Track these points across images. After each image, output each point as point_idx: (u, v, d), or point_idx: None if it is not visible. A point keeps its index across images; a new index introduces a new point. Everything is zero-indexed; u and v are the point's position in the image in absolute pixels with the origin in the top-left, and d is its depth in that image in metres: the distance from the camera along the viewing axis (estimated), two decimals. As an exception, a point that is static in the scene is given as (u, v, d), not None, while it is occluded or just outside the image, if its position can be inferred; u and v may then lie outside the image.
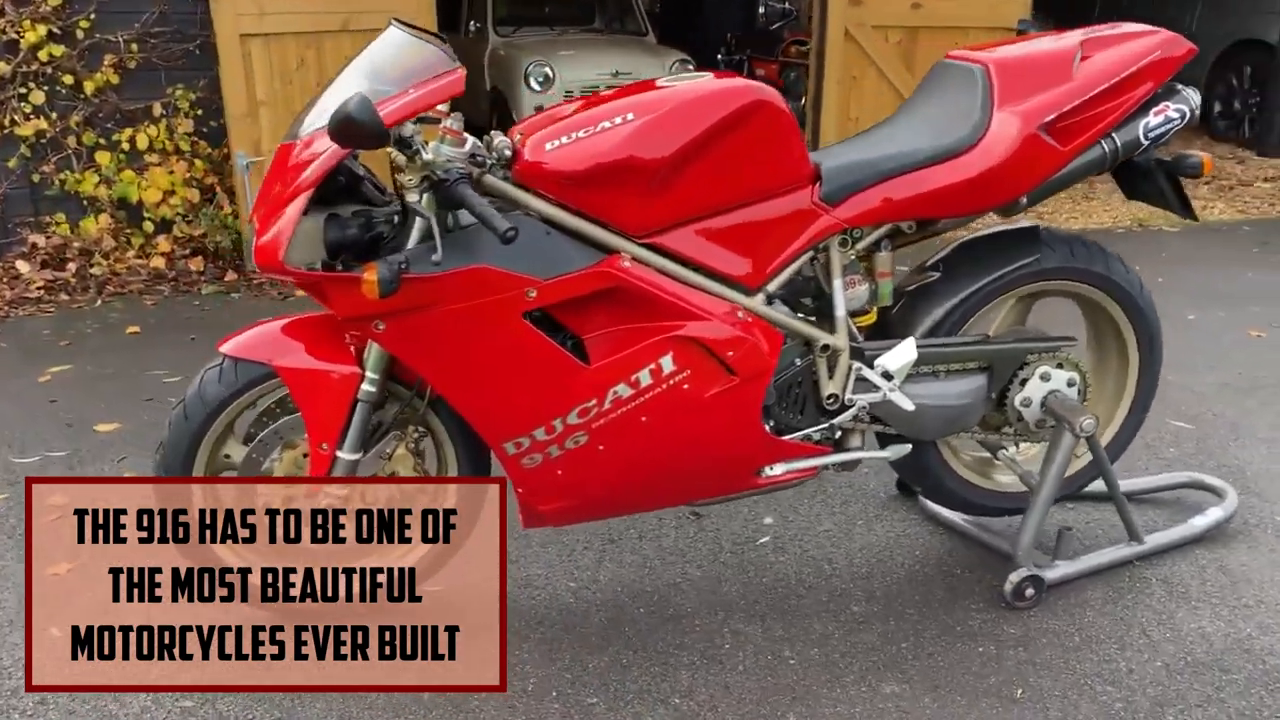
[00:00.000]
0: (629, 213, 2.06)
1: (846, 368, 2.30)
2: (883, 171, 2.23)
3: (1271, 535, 2.74)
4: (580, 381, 2.08)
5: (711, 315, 2.11)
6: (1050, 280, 2.43)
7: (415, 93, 1.91)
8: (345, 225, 1.99)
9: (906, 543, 2.73)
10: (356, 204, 2.07)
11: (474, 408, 2.10)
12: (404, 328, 2.00)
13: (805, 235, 2.20)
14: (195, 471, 2.18)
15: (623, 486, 2.26)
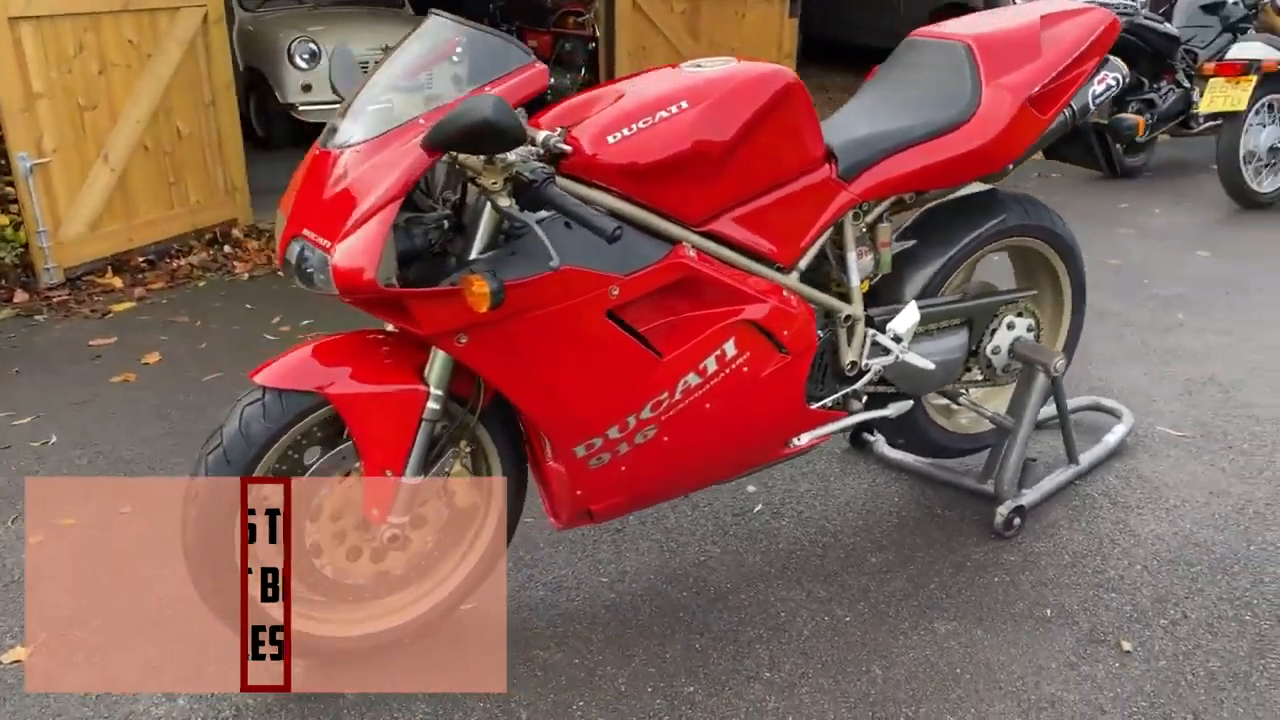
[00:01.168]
0: (689, 201, 2.06)
1: (863, 335, 2.42)
2: (889, 147, 2.35)
3: (1162, 443, 3.17)
4: (655, 375, 2.07)
5: (765, 297, 2.16)
6: (1010, 237, 2.66)
7: (497, 90, 1.81)
8: (412, 235, 1.86)
9: (882, 491, 2.91)
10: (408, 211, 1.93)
11: (551, 413, 2.03)
12: (487, 338, 1.90)
13: (829, 211, 2.29)
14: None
15: (676, 474, 2.27)
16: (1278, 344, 3.93)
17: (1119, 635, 2.30)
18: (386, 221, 1.75)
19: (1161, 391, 3.53)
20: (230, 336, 4.16)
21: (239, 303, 4.55)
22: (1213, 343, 3.96)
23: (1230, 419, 3.31)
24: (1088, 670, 2.19)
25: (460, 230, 1.96)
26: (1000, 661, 2.22)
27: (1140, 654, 2.24)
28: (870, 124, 2.38)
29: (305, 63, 7.44)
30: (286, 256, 1.88)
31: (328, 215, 1.81)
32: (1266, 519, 2.75)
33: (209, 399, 3.55)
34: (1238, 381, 3.60)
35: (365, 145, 1.82)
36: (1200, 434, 3.22)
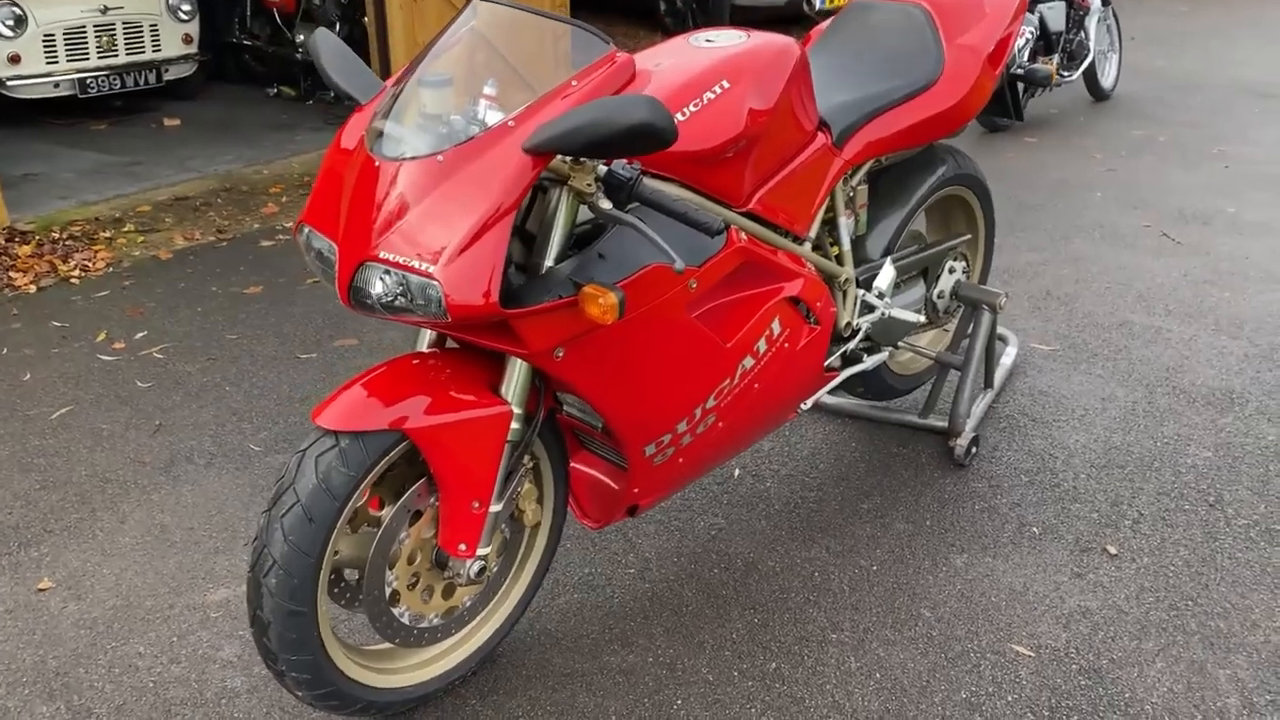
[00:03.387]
0: (737, 182, 2.04)
1: (854, 296, 2.49)
2: (869, 111, 2.42)
3: (1041, 358, 3.51)
4: (721, 363, 2.05)
5: (798, 271, 2.18)
6: (948, 187, 2.82)
7: (586, 85, 1.68)
8: None
9: (838, 439, 3.04)
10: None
11: (634, 417, 1.96)
12: (584, 349, 1.80)
13: (829, 178, 2.33)
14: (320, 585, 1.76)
15: (717, 456, 2.27)
16: (1082, 254, 4.42)
17: (1101, 541, 2.56)
18: (502, 238, 1.60)
19: (1016, 311, 3.89)
20: (55, 362, 3.62)
21: (41, 321, 3.96)
22: (1032, 260, 4.40)
23: (1082, 330, 3.72)
24: (1093, 578, 2.43)
25: (521, 235, 1.83)
26: (1022, 583, 2.42)
27: (1126, 555, 2.51)
28: (851, 89, 2.43)
29: (9, 29, 6.49)
30: (356, 284, 1.67)
31: (417, 236, 1.62)
32: (1154, 415, 3.13)
33: (72, 439, 3.09)
34: (1070, 294, 4.03)
35: (448, 155, 1.64)
36: (1066, 346, 3.60)
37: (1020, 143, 6.12)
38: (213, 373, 3.51)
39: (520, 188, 1.61)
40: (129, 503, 2.78)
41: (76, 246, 4.67)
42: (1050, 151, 5.95)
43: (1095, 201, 5.11)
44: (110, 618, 2.35)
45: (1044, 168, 5.66)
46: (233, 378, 3.47)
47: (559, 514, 2.15)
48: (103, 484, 2.87)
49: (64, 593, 2.44)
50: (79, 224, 4.96)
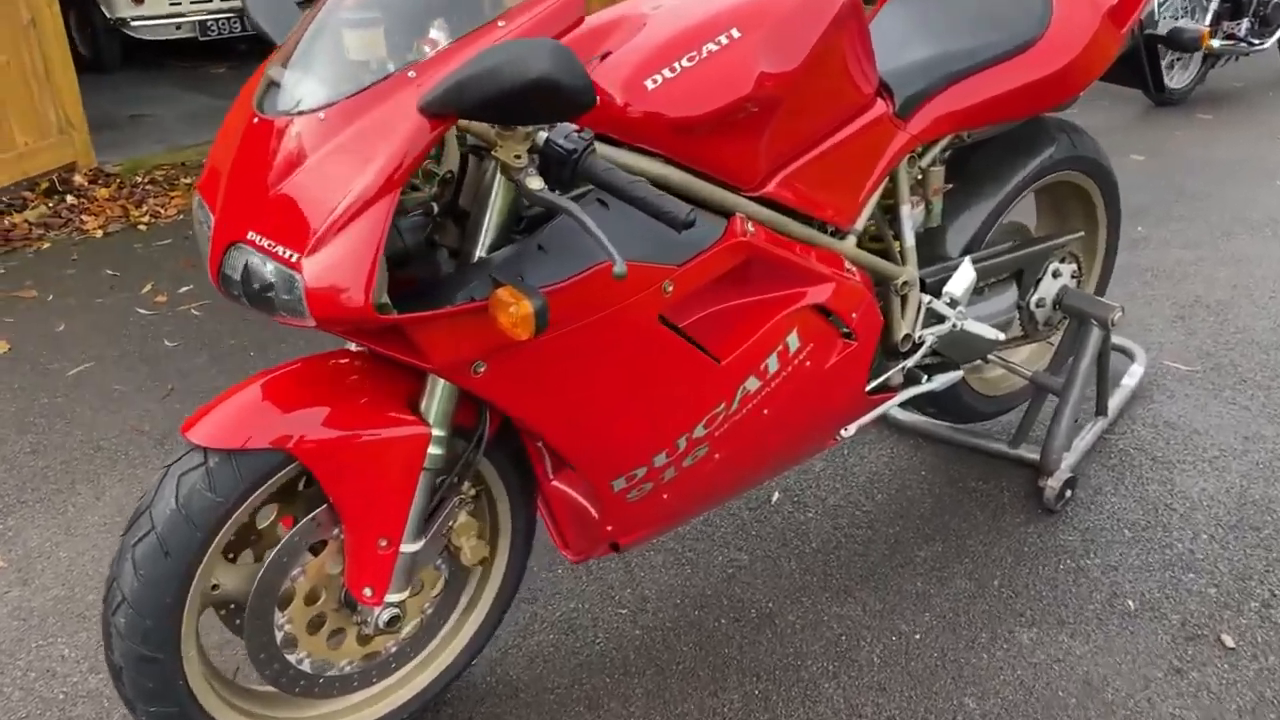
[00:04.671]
0: (747, 159, 1.61)
1: (918, 302, 2.03)
2: (946, 75, 1.94)
3: (1174, 380, 2.93)
4: (712, 385, 1.64)
5: (829, 273, 1.74)
6: (1056, 173, 2.30)
7: (525, 24, 1.30)
8: (402, 231, 1.36)
9: (906, 464, 2.57)
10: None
11: (590, 447, 1.58)
12: (513, 364, 1.43)
13: (887, 156, 1.88)
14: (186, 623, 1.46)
15: (719, 492, 1.87)
16: (1245, 254, 3.75)
17: (1216, 627, 2.04)
18: (381, 222, 1.24)
19: (1153, 319, 3.29)
20: (94, 314, 3.48)
21: (97, 268, 3.85)
22: (1183, 258, 3.75)
23: (1233, 348, 3.10)
24: (1197, 677, 1.92)
25: (455, 213, 1.46)
26: (1101, 675, 1.93)
27: (1245, 650, 1.98)
28: (923, 47, 1.95)
29: (132, -30, 6.50)
30: (223, 270, 1.35)
31: (286, 214, 1.28)
32: (1312, 465, 2.54)
33: (81, 399, 2.92)
34: (1224, 302, 3.40)
35: (332, 111, 1.29)
36: (1209, 367, 3.00)
37: (1192, 119, 5.33)
38: (243, 335, 3.29)
39: (411, 156, 1.24)
40: (111, 476, 2.58)
41: (155, 191, 4.57)
42: (1227, 129, 5.16)
43: (1274, 191, 4.37)
44: (48, 610, 2.14)
45: (1216, 149, 4.90)
46: (260, 343, 3.25)
47: (520, 550, 1.80)
48: (94, 452, 2.68)
49: (12, 575, 2.25)
50: (164, 168, 4.87)
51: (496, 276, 1.34)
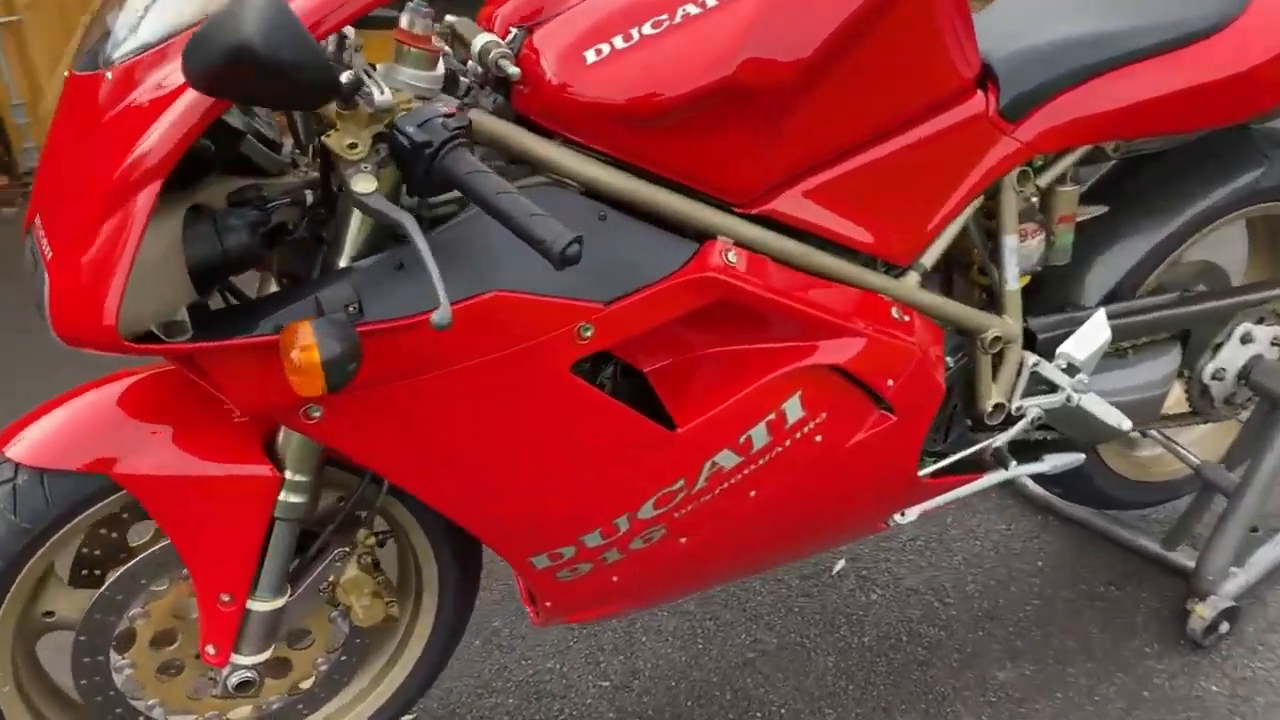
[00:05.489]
0: (732, 167, 1.19)
1: (1017, 363, 1.53)
2: (1081, 67, 1.41)
3: None
4: (662, 457, 1.25)
5: (858, 324, 1.29)
6: (1263, 203, 1.70)
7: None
8: (225, 228, 1.05)
9: (1019, 547, 2.06)
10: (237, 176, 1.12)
11: (485, 518, 1.25)
12: (360, 412, 1.11)
13: (979, 170, 1.39)
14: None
15: (698, 579, 1.49)
16: None
17: None
18: (133, 220, 0.94)
19: None
20: None
21: None
22: None
23: None
24: None
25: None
26: None
27: None
28: (1052, 27, 1.44)
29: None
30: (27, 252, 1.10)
31: (60, 198, 1.02)
32: None
33: None
34: None
35: (118, 69, 1.00)
36: None
37: None
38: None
39: (174, 139, 0.93)
40: None
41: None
42: None
43: None
44: None
45: None
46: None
47: (451, 609, 1.49)
48: None
49: None
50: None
51: (330, 301, 1.01)
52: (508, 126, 1.11)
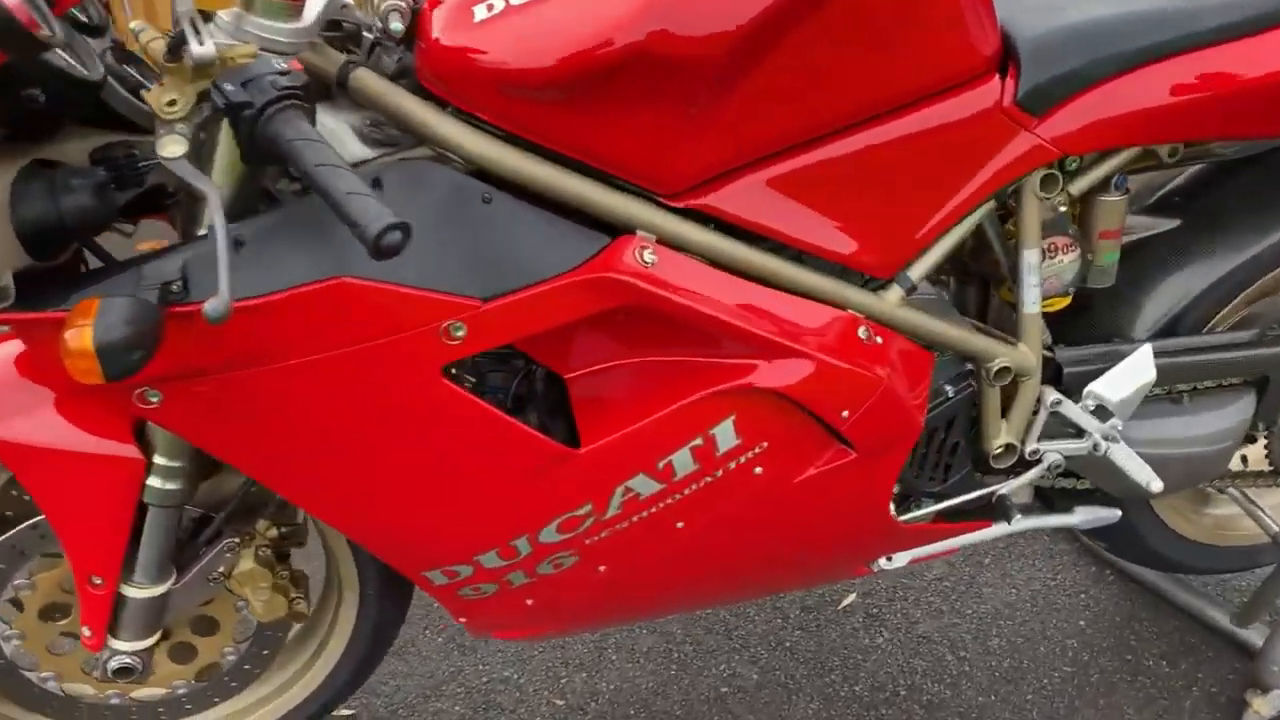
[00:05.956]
0: (656, 150, 1.02)
1: (1033, 399, 1.30)
2: (1131, 53, 1.17)
3: None
4: (564, 477, 1.10)
5: (806, 343, 1.10)
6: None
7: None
8: (64, 188, 0.95)
9: (1062, 602, 1.81)
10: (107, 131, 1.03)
11: (357, 526, 1.13)
12: (200, 402, 1.00)
13: (985, 173, 1.17)
14: None
15: (629, 608, 1.34)
16: None
17: None
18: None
19: None
20: None
21: None
22: None
23: None
24: None
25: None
26: None
27: None
28: (1092, 2, 1.19)
29: None
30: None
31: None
32: None
33: None
34: None
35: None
36: None
37: None
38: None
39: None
40: None
41: None
42: None
43: None
44: None
45: None
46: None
47: (374, 610, 1.38)
48: None
49: None
50: None
51: (122, 292, 0.90)
52: (385, 86, 0.98)
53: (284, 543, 1.28)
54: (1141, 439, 1.35)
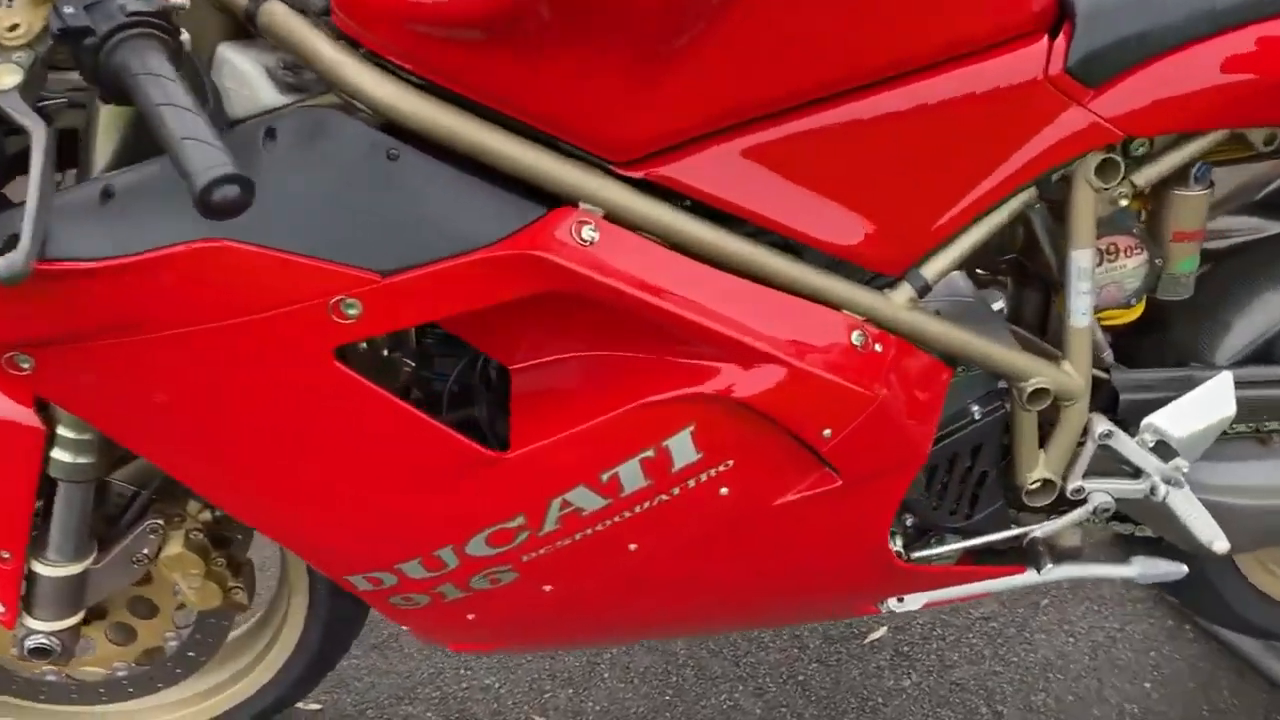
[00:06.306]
0: (605, 106, 0.86)
1: (1078, 428, 1.10)
2: (1223, 10, 0.95)
3: None
4: (489, 485, 0.95)
5: (780, 347, 0.92)
6: None
7: None
8: None
9: (1127, 658, 1.58)
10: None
11: (260, 518, 1.01)
12: (73, 370, 0.89)
13: (1025, 154, 0.97)
14: None
15: (587, 630, 1.19)
16: None
17: None
18: None
19: None
20: None
21: None
22: None
23: None
24: None
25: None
26: None
27: None
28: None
29: None
30: None
31: None
32: None
33: None
34: None
35: None
36: None
37: None
38: None
39: None
40: None
41: None
42: None
43: None
44: None
45: None
46: None
47: (327, 605, 1.28)
48: None
49: None
50: None
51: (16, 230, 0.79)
52: (294, 23, 0.84)
53: (219, 528, 1.18)
54: (1214, 485, 1.13)
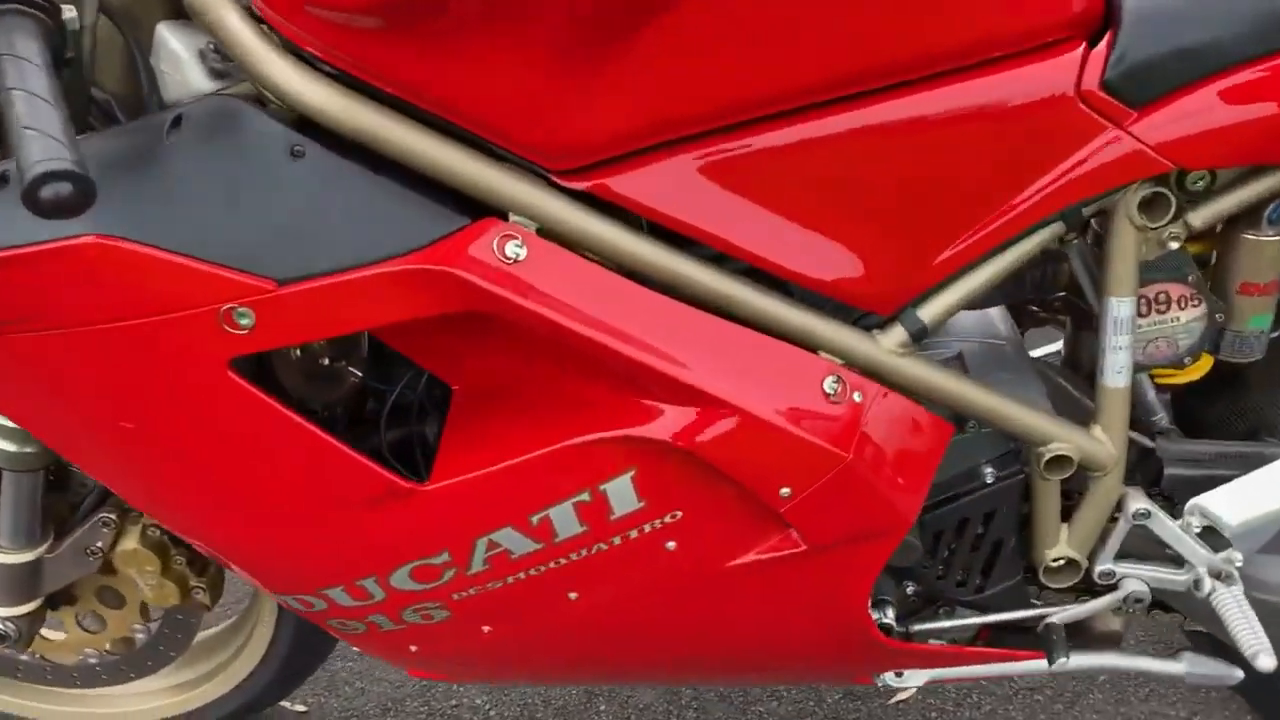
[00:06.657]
0: (538, 104, 0.76)
1: (1109, 503, 0.94)
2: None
3: None
4: (407, 517, 0.87)
5: (739, 388, 0.81)
6: None
7: None
8: None
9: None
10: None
11: (182, 529, 0.96)
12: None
13: (1048, 181, 0.82)
14: None
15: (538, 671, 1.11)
16: None
17: None
18: None
19: None
20: None
21: None
22: None
23: None
24: None
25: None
26: None
27: None
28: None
29: None
30: None
31: None
32: None
33: None
34: None
35: None
36: None
37: None
38: None
39: None
40: None
41: None
42: None
43: None
44: None
45: None
46: None
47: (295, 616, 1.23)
48: None
49: None
50: None
51: None
52: (215, 3, 0.77)
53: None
54: (1276, 584, 0.95)
